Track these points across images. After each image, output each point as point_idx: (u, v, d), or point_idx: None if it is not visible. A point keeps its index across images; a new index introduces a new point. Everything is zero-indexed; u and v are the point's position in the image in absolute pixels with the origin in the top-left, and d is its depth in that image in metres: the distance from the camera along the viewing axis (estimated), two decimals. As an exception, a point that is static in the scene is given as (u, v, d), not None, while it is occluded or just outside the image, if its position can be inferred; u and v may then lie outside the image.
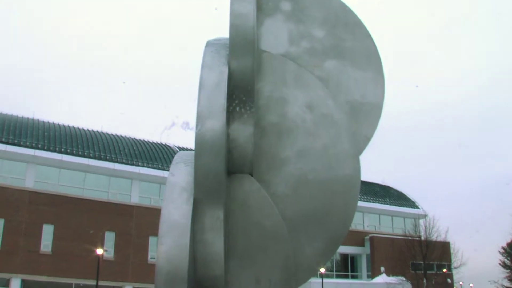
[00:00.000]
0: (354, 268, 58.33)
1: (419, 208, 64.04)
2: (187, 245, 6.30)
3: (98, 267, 34.66)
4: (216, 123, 6.21)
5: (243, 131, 7.12)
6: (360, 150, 8.29)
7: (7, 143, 42.92)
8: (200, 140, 6.40)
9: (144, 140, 52.61)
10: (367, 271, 57.34)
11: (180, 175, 7.13)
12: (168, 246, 6.36)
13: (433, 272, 54.78)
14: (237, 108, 7.84)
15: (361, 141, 8.32)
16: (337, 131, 7.95)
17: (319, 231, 7.61)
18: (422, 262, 53.85)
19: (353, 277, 57.52)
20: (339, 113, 8.10)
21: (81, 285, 42.89)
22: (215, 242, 6.77)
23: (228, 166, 7.34)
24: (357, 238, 55.59)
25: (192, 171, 6.96)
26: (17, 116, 48.17)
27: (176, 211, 6.57)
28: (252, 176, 7.54)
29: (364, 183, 43.00)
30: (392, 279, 52.78)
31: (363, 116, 8.41)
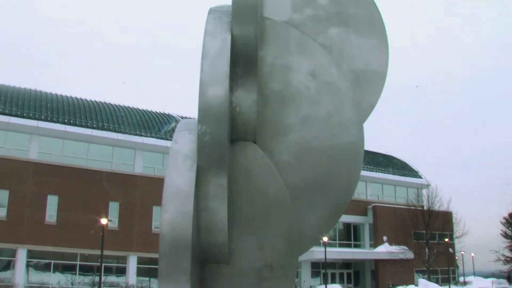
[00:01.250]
0: (356, 237, 58.62)
1: (422, 178, 64.13)
2: (190, 212, 6.34)
3: (103, 237, 34.91)
4: (219, 90, 6.19)
5: (246, 98, 7.10)
6: (363, 118, 8.29)
7: (10, 114, 42.89)
8: (203, 107, 6.38)
9: (147, 110, 52.51)
10: (370, 240, 57.65)
11: (184, 142, 7.14)
12: (172, 213, 6.40)
13: (435, 241, 55.07)
14: (240, 75, 7.82)
15: (364, 109, 8.31)
16: (340, 99, 7.94)
17: (322, 198, 7.63)
18: (424, 232, 54.11)
19: (355, 246, 57.85)
20: (343, 81, 8.07)
21: (86, 255, 43.27)
22: (219, 209, 6.80)
23: (232, 134, 7.35)
24: (360, 208, 55.76)
25: (195, 138, 6.96)
26: (19, 88, 48.06)
27: (179, 178, 6.59)
28: (255, 144, 7.55)
29: (367, 153, 43.02)
30: (394, 248, 53.10)
31: (367, 84, 8.39)
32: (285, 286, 7.29)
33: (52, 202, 42.87)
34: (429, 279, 51.66)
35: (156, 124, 49.63)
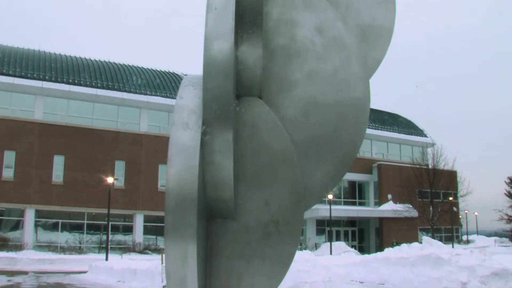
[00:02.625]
0: (361, 195, 58.89)
1: (427, 137, 64.04)
2: (196, 167, 6.35)
3: (109, 196, 35.15)
4: (224, 44, 6.14)
5: (251, 53, 7.05)
6: (370, 74, 8.24)
7: (14, 75, 42.80)
8: (208, 61, 6.34)
9: (151, 69, 52.29)
10: (375, 198, 57.91)
11: (189, 97, 7.13)
12: (178, 168, 6.41)
13: (439, 200, 55.24)
14: (245, 30, 7.72)
15: (371, 65, 8.26)
16: (347, 54, 7.88)
17: (328, 154, 7.64)
18: (429, 190, 54.23)
19: (360, 204, 58.15)
20: (349, 36, 8.01)
21: (93, 214, 43.68)
22: (225, 164, 6.82)
23: (237, 89, 7.32)
24: (365, 166, 55.87)
25: (200, 93, 6.93)
26: (23, 49, 47.82)
27: (185, 133, 6.60)
28: (261, 99, 7.53)
29: (372, 111, 42.81)
30: (399, 206, 53.37)
31: (373, 39, 8.30)
32: (290, 241, 7.34)
33: (58, 162, 43.10)
34: (432, 237, 51.79)
35: (161, 83, 49.48)
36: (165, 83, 49.64)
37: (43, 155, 42.25)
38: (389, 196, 55.65)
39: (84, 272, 27.04)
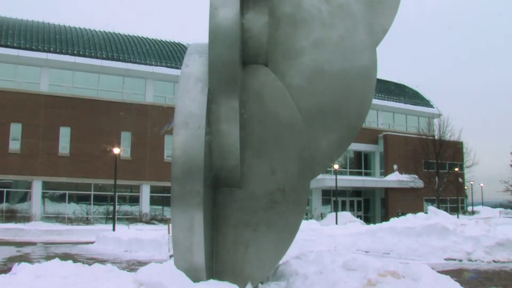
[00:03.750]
0: (367, 166, 58.91)
1: (433, 107, 63.77)
2: (202, 135, 6.37)
3: (116, 167, 35.26)
4: (230, 11, 6.10)
5: (257, 21, 7.02)
6: (377, 41, 8.18)
7: (19, 48, 42.65)
8: (214, 29, 6.30)
9: (157, 39, 52.05)
10: (380, 168, 57.94)
11: (195, 66, 7.12)
12: (184, 136, 6.44)
13: (445, 171, 55.19)
14: (251, -3, 7.58)
15: (378, 32, 8.20)
16: (353, 22, 7.82)
17: (334, 122, 7.65)
18: (434, 161, 54.14)
19: (366, 174, 58.21)
20: (356, 3, 7.94)
21: (100, 185, 43.90)
22: (231, 132, 6.83)
23: (243, 57, 7.28)
24: (371, 136, 55.79)
25: (206, 62, 6.92)
26: (27, 20, 47.60)
27: (191, 101, 6.60)
28: (267, 67, 7.49)
29: (378, 81, 42.66)
30: (404, 177, 53.39)
31: (381, 6, 8.24)
32: (297, 210, 7.37)
33: (64, 134, 43.18)
34: (438, 208, 52.02)
35: (167, 53, 49.27)
36: (171, 53, 49.43)
37: (49, 127, 42.32)
38: (395, 166, 55.66)
39: (92, 243, 27.25)
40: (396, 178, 54.18)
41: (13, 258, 17.65)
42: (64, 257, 9.95)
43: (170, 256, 16.01)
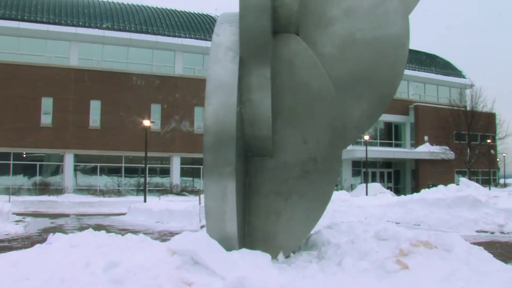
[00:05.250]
0: (397, 137, 58.40)
1: (465, 78, 62.74)
2: (234, 104, 6.35)
3: (146, 139, 35.53)
4: (261, -21, 6.00)
5: (288, -12, 6.91)
6: (409, 9, 8.03)
7: (48, 23, 42.92)
8: (245, -3, 6.19)
9: (185, 11, 51.92)
10: (411, 139, 57.39)
11: (225, 35, 7.08)
12: (215, 106, 6.43)
13: (477, 142, 54.50)
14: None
15: (410, 0, 8.03)
16: (385, -12, 7.65)
17: (366, 91, 7.57)
18: (466, 133, 53.51)
19: (396, 145, 57.73)
20: (388, -31, 7.75)
21: (130, 157, 44.32)
22: (263, 101, 6.80)
23: (274, 25, 7.22)
24: (401, 107, 55.17)
25: (236, 30, 6.88)
26: (55, -5, 47.87)
27: (222, 70, 6.57)
28: (298, 36, 7.42)
29: (409, 51, 42.15)
30: (435, 148, 52.88)
31: (413, -28, 8.05)
32: (328, 179, 7.33)
33: (95, 107, 43.57)
34: (469, 180, 51.45)
35: (195, 25, 49.17)
36: (199, 25, 49.31)
37: (80, 101, 42.72)
38: (426, 137, 55.09)
39: (123, 214, 27.59)
40: (426, 150, 53.67)
41: (48, 229, 17.99)
42: (97, 228, 10.11)
43: (201, 227, 16.16)
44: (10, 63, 41.25)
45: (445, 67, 63.26)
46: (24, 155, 42.58)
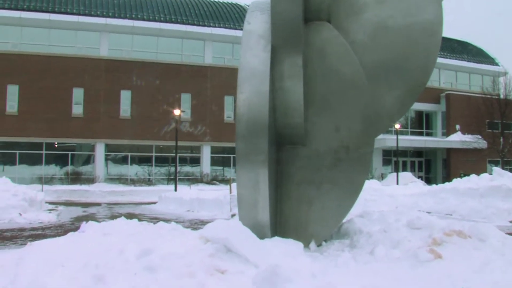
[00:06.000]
0: (428, 126, 57.72)
1: (499, 65, 61.63)
2: (266, 92, 6.34)
3: (177, 128, 35.72)
4: (292, -33, 5.96)
5: (319, -24, 6.85)
6: (442, -5, 7.89)
7: (78, 14, 43.31)
8: (276, -15, 6.17)
9: (214, 0, 51.91)
10: (442, 128, 56.68)
11: (257, 23, 7.06)
12: (248, 94, 6.42)
13: (511, 131, 53.58)
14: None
15: (443, -15, 7.90)
16: (418, -25, 7.54)
17: (398, 79, 7.49)
18: (499, 121, 52.62)
19: (427, 134, 57.11)
20: (420, -45, 7.63)
21: (161, 146, 44.63)
22: (295, 89, 6.78)
23: (305, 13, 7.18)
24: (433, 95, 54.43)
25: (268, 18, 6.86)
26: (85, -14, 48.25)
27: (254, 58, 6.56)
28: (330, 23, 7.36)
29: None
30: (467, 137, 52.12)
31: (446, -42, 7.91)
32: (360, 168, 7.29)
33: (125, 97, 43.90)
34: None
35: (225, 14, 49.16)
36: (229, 14, 49.28)
37: (110, 91, 43.08)
38: (457, 126, 54.36)
39: (154, 203, 27.82)
40: (458, 139, 52.95)
41: (80, 218, 18.24)
42: (128, 216, 10.22)
43: (232, 216, 16.23)
44: (42, 55, 41.76)
45: (477, 54, 62.27)
46: (56, 145, 43.21)
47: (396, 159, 48.70)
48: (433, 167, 57.23)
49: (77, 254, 6.51)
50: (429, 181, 49.72)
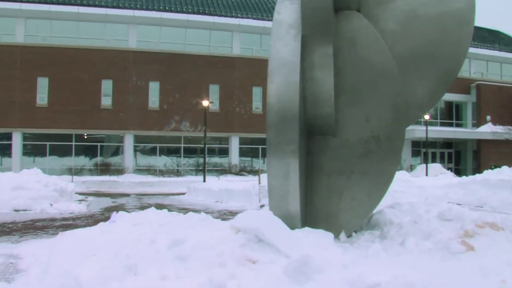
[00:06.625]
0: (458, 116, 57.02)
1: (531, 54, 60.68)
2: (297, 82, 6.32)
3: (205, 119, 35.83)
4: (322, -43, 5.90)
5: (349, -35, 6.79)
6: (474, -17, 7.76)
7: (106, 6, 43.61)
8: (306, -26, 6.12)
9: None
10: (472, 119, 55.95)
11: (287, 13, 7.04)
12: (278, 84, 6.41)
13: (544, 122, 52.71)
14: None
15: (475, -28, 7.78)
16: (449, -38, 7.43)
17: (429, 68, 7.39)
18: (532, 112, 51.83)
19: (457, 125, 56.40)
20: None
21: (189, 137, 44.82)
22: (325, 79, 6.74)
23: (335, 2, 7.12)
24: (463, 86, 53.72)
25: (298, 8, 6.82)
26: (114, -21, 48.56)
27: (284, 48, 6.53)
28: (360, 12, 7.30)
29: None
30: (498, 128, 51.35)
31: None
32: (391, 158, 7.23)
33: (153, 88, 44.14)
34: (534, 161, 50.02)
35: (252, 5, 49.10)
36: (256, 5, 49.20)
37: (139, 82, 43.35)
38: (488, 117, 53.61)
39: (183, 194, 27.99)
40: (489, 130, 52.22)
41: (109, 208, 18.43)
42: (157, 207, 10.30)
43: (261, 206, 16.25)
44: (71, 48, 42.16)
45: (509, 43, 61.27)
46: (85, 137, 43.70)
47: (425, 150, 48.25)
48: (463, 158, 56.57)
49: (108, 244, 6.57)
50: (458, 172, 49.19)
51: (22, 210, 16.73)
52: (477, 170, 45.17)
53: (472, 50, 52.77)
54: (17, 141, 41.41)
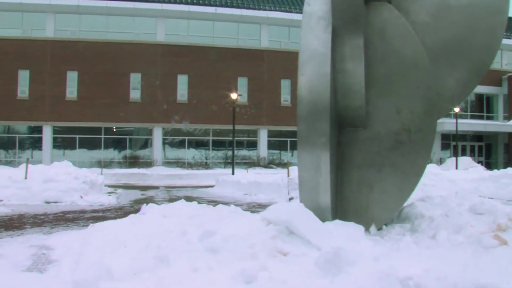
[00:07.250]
0: (489, 109, 56.20)
1: None
2: (328, 73, 6.29)
3: (234, 112, 35.92)
4: None
5: (379, -44, 6.72)
6: (508, -30, 7.62)
7: (134, 0, 43.84)
8: (336, -35, 6.08)
9: (270, -16, 51.84)
10: (504, 112, 55.10)
11: (317, 4, 7.00)
12: (309, 76, 6.39)
13: None
14: None
15: (509, -41, 7.63)
16: (482, -49, 7.31)
17: (461, 60, 7.30)
18: None
19: (488, 118, 55.62)
20: None
21: (218, 130, 44.94)
22: (356, 71, 6.70)
23: (366, -6, 7.06)
24: (494, 78, 52.90)
25: (328, 0, 6.77)
26: (140, -27, 48.80)
27: (315, 40, 6.51)
28: (390, 3, 7.23)
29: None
30: (531, 121, 50.71)
31: None
32: (422, 151, 7.16)
33: (182, 81, 44.32)
34: None
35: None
36: (284, -2, 49.15)
37: (167, 75, 43.56)
38: (520, 110, 52.84)
39: (211, 186, 28.12)
40: (521, 122, 51.48)
41: (139, 200, 18.60)
42: (186, 199, 10.36)
43: (290, 199, 16.25)
44: (99, 41, 42.59)
45: (543, 34, 60.20)
46: (114, 130, 44.13)
47: (455, 144, 47.72)
48: (494, 152, 55.79)
49: (138, 235, 6.63)
50: (489, 166, 48.54)
51: (53, 202, 16.97)
52: (509, 163, 44.56)
53: (504, 41, 51.78)
54: (47, 134, 42.01)
